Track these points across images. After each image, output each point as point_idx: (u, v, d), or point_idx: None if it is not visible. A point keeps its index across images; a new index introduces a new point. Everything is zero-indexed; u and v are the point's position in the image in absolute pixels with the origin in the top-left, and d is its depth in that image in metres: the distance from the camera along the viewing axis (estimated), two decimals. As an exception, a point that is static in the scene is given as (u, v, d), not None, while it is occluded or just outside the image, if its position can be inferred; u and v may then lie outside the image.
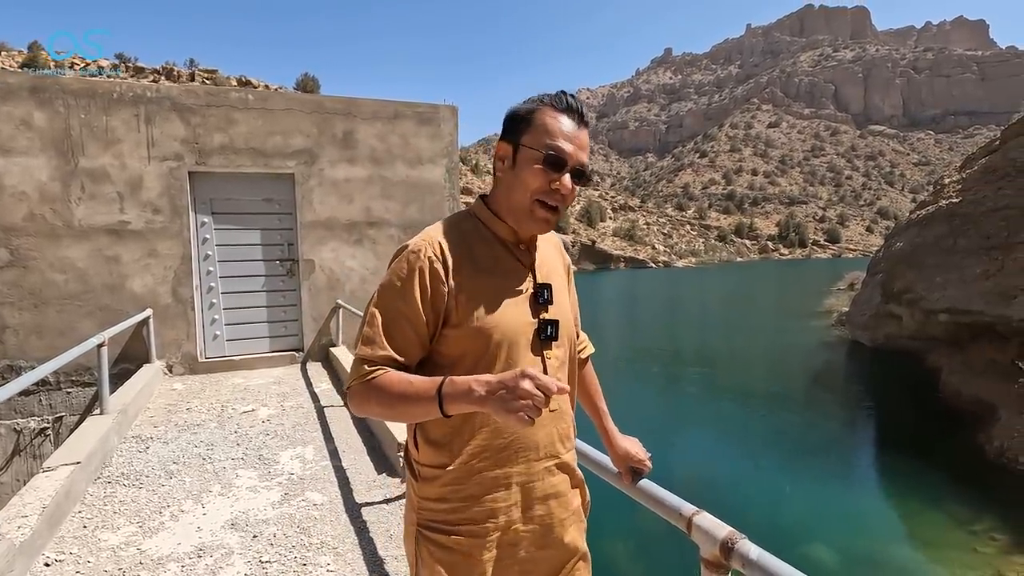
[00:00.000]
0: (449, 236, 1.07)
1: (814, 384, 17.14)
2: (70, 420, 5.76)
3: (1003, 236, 12.81)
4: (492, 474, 1.04)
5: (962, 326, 13.73)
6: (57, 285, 5.67)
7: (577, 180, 1.06)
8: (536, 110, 1.06)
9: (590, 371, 1.46)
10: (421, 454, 1.08)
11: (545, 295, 1.10)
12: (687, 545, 1.16)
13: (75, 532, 2.76)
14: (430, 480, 1.06)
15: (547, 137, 1.03)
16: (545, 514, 1.09)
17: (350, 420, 4.55)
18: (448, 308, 1.03)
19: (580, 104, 1.07)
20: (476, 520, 1.03)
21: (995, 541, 7.88)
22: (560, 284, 1.18)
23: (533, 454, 1.07)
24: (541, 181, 1.04)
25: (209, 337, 6.39)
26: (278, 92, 7.40)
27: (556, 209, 1.06)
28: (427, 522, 1.06)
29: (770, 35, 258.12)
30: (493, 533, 1.04)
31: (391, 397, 0.98)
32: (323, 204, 6.72)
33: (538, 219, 1.06)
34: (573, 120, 1.06)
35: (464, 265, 1.05)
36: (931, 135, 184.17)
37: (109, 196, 5.83)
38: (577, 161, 1.05)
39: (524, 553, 1.07)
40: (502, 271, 1.08)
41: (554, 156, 1.03)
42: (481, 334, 1.02)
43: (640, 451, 1.36)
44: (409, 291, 1.02)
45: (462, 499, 1.04)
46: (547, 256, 1.18)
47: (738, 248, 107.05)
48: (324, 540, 2.72)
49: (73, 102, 5.68)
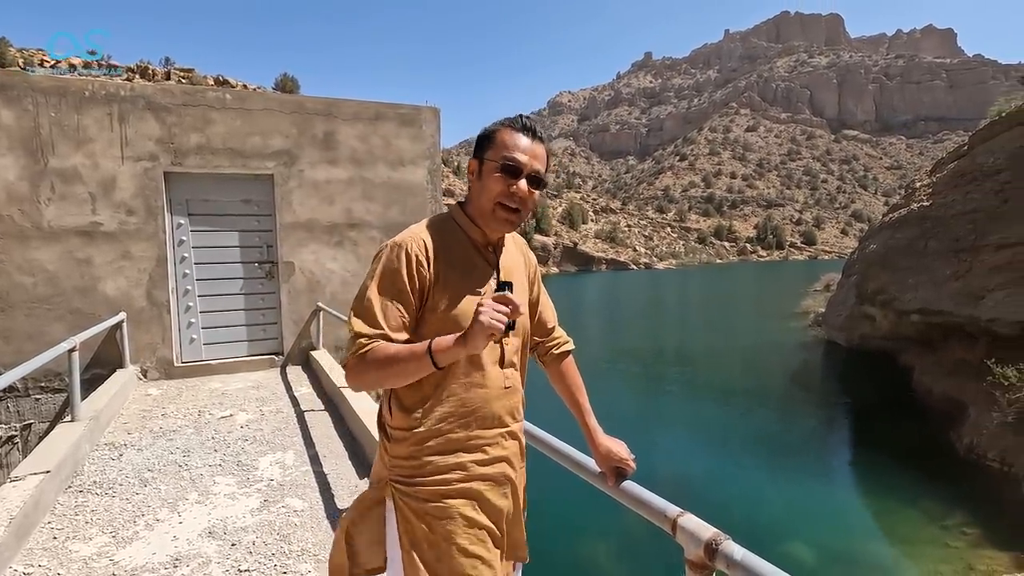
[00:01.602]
0: (431, 234, 1.26)
1: (792, 384, 17.45)
2: (39, 428, 5.58)
3: (971, 239, 13.19)
4: (455, 436, 1.22)
5: (933, 326, 14.10)
6: (25, 288, 5.49)
7: (534, 186, 1.26)
8: (496, 130, 1.27)
9: (572, 368, 1.53)
10: (394, 419, 1.26)
11: (506, 289, 1.23)
12: (671, 546, 1.16)
13: (44, 544, 2.67)
14: (400, 441, 1.24)
15: (504, 150, 1.24)
16: (499, 472, 1.27)
17: (331, 425, 4.49)
18: (427, 294, 1.22)
19: (534, 123, 1.28)
20: (439, 472, 1.21)
21: (966, 535, 8.10)
22: (520, 282, 1.37)
23: (490, 422, 1.26)
24: (501, 187, 1.23)
25: (186, 341, 6.25)
26: (257, 92, 7.29)
27: (517, 211, 1.25)
28: (397, 476, 1.25)
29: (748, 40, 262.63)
30: (455, 483, 1.21)
31: (386, 361, 1.14)
32: (303, 206, 6.63)
33: (500, 219, 1.26)
34: (527, 136, 1.26)
35: (442, 259, 1.23)
36: (903, 140, 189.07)
37: (80, 197, 5.68)
38: (532, 169, 1.24)
39: (484, 502, 1.24)
40: (471, 268, 1.28)
41: (510, 165, 1.23)
42: (448, 320, 1.21)
43: (623, 451, 1.39)
44: (400, 278, 1.19)
45: (428, 455, 1.22)
46: (511, 258, 1.38)
47: (717, 250, 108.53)
48: (304, 547, 2.68)
49: (43, 100, 5.51)
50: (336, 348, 6.72)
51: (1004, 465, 9.70)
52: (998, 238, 12.36)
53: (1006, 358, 10.41)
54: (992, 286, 12.21)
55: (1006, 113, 14.31)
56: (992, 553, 7.64)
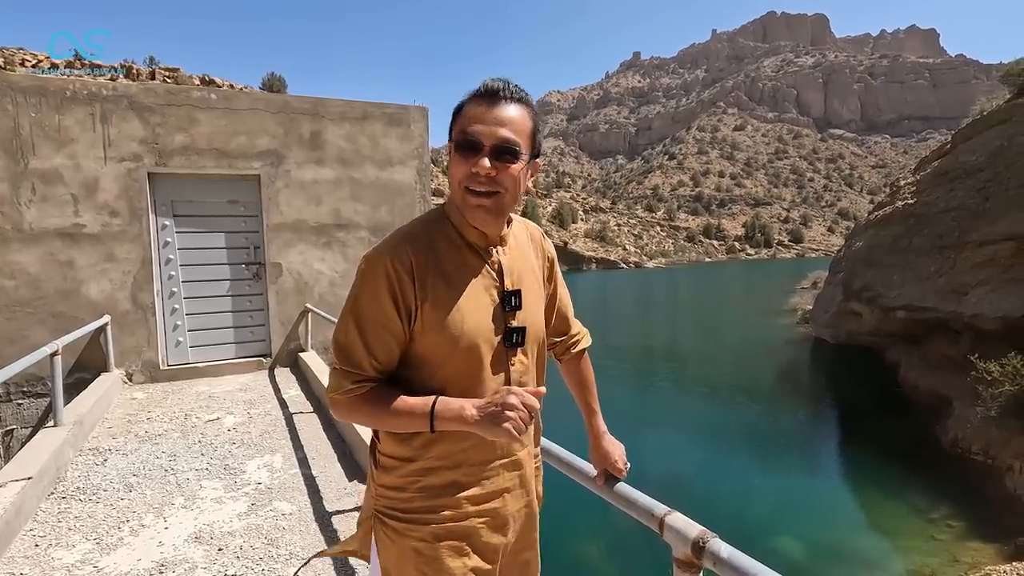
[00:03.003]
0: (417, 241, 1.06)
1: (780, 380, 17.62)
2: (21, 433, 5.48)
3: (955, 236, 13.39)
4: (452, 471, 1.07)
5: (918, 322, 14.30)
6: (6, 291, 5.39)
7: (502, 158, 1.00)
8: (463, 104, 1.05)
9: (586, 366, 1.44)
10: (384, 444, 1.11)
11: (512, 302, 1.11)
12: (659, 545, 1.17)
13: (26, 551, 2.62)
14: (389, 469, 1.09)
15: (461, 124, 1.02)
16: (500, 507, 1.12)
17: (320, 426, 4.45)
18: (416, 313, 1.03)
19: (503, 83, 1.03)
20: (432, 510, 1.06)
21: (951, 528, 8.23)
22: (532, 287, 1.17)
23: (491, 453, 1.11)
24: (463, 168, 1.01)
25: (171, 344, 6.18)
26: (243, 91, 7.22)
27: (487, 194, 1.02)
28: (383, 508, 1.10)
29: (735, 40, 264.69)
30: (447, 523, 1.06)
31: (380, 411, 1.02)
32: (290, 206, 6.58)
33: (471, 206, 1.03)
34: (489, 101, 1.01)
35: (430, 270, 1.04)
36: (887, 139, 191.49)
37: (62, 198, 5.59)
38: (496, 139, 0.99)
39: (477, 541, 1.10)
40: (468, 277, 1.08)
41: (463, 140, 1.00)
42: (446, 340, 1.03)
43: (621, 457, 1.36)
44: (381, 297, 1.02)
45: (419, 490, 1.07)
46: (519, 256, 1.16)
47: (706, 248, 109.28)
48: (293, 551, 2.65)
49: (22, 100, 5.42)
50: (325, 349, 6.68)
51: (988, 458, 9.86)
52: (980, 235, 12.56)
53: (989, 353, 10.58)
54: (975, 282, 12.40)
55: (987, 112, 14.55)
56: (977, 545, 7.77)
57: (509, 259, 1.14)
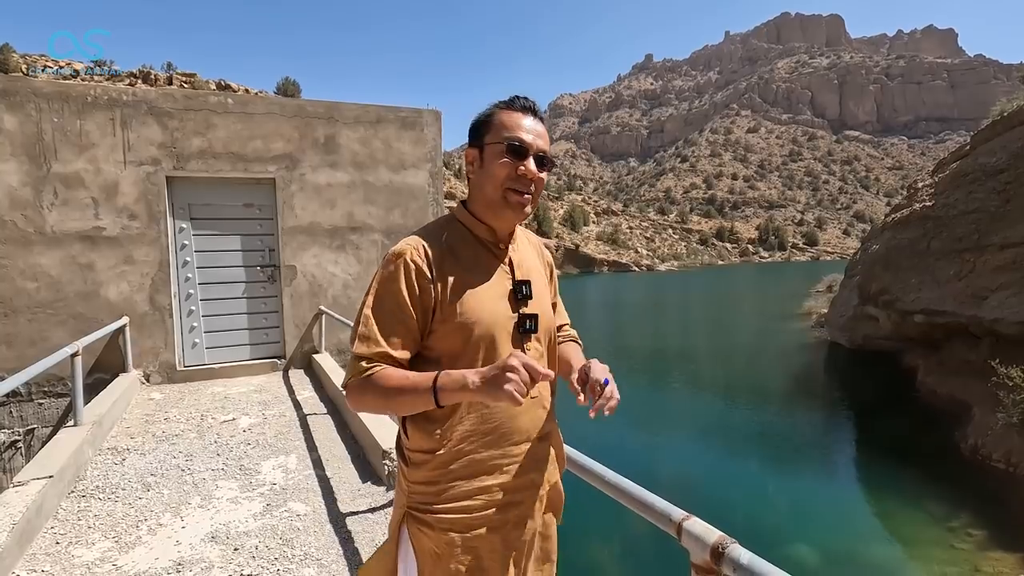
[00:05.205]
0: (433, 239, 1.15)
1: (795, 384, 17.40)
2: (42, 432, 5.58)
3: (974, 239, 13.15)
4: (479, 456, 1.11)
5: (936, 327, 14.05)
6: (28, 293, 5.51)
7: (541, 166, 1.15)
8: (493, 112, 1.17)
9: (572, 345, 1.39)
10: (412, 441, 1.14)
11: (524, 291, 1.18)
12: (676, 550, 1.16)
13: (47, 549, 2.67)
14: (420, 465, 1.12)
15: (506, 131, 1.13)
16: (527, 491, 1.16)
17: (334, 428, 4.48)
18: (435, 304, 1.10)
19: (532, 101, 1.17)
20: (463, 498, 1.10)
21: (971, 537, 8.06)
22: (540, 280, 1.26)
23: (516, 437, 1.14)
24: (508, 170, 1.12)
25: (188, 345, 6.26)
26: (259, 96, 7.31)
27: (528, 194, 1.14)
28: (416, 504, 1.13)
29: (748, 42, 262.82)
30: (479, 511, 1.10)
31: (387, 391, 1.05)
32: (305, 209, 6.64)
33: (512, 204, 1.14)
34: (527, 115, 1.15)
35: (447, 264, 1.12)
36: (904, 140, 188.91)
37: (83, 202, 5.70)
38: (538, 148, 1.14)
39: (507, 528, 1.13)
40: (483, 269, 1.16)
41: (515, 145, 1.12)
42: (464, 328, 1.10)
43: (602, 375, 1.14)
44: (399, 291, 1.09)
45: (450, 481, 1.10)
46: (527, 255, 1.27)
47: (719, 251, 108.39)
48: (308, 551, 2.67)
49: (45, 105, 5.54)
50: (339, 351, 6.72)
51: (1009, 466, 9.65)
52: (1001, 238, 12.32)
53: (1010, 358, 10.36)
54: (995, 286, 12.16)
55: (1008, 113, 14.28)
56: (998, 554, 7.60)
57: (518, 255, 1.24)
